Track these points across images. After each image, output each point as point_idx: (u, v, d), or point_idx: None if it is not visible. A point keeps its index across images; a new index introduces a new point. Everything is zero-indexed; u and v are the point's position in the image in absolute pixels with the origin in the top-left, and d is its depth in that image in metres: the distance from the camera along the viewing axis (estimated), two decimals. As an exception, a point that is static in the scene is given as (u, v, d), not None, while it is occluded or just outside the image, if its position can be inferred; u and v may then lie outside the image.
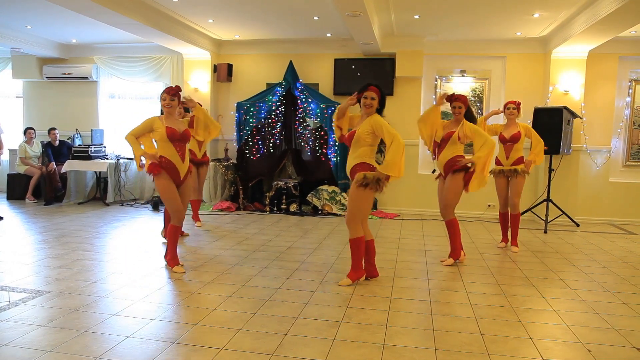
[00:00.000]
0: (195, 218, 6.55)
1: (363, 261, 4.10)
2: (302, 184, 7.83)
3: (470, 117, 4.77)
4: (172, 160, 4.29)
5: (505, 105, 5.53)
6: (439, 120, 4.82)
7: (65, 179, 8.24)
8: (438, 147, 4.82)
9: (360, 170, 3.90)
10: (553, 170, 6.95)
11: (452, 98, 4.76)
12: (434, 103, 4.98)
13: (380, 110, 3.98)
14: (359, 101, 3.99)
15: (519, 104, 5.45)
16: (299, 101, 7.85)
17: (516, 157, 5.40)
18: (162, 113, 4.46)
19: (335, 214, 7.52)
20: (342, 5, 5.28)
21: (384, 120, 3.90)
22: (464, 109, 4.70)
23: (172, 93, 4.32)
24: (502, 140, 5.44)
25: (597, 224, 7.40)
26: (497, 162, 5.51)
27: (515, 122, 5.44)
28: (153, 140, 4.38)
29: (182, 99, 4.56)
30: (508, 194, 5.48)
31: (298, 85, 7.82)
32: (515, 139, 5.37)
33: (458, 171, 4.68)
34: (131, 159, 8.49)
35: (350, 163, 4.01)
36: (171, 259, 4.36)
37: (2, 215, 6.77)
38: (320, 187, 7.68)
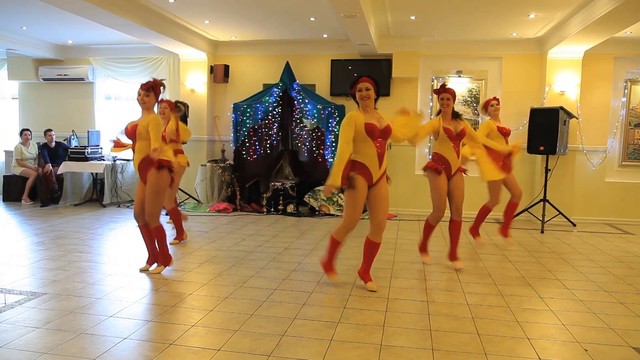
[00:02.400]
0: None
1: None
2: (299, 184, 7.83)
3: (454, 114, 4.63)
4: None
5: (488, 103, 5.71)
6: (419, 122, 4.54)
7: (61, 181, 8.20)
8: (452, 141, 4.54)
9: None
10: (549, 170, 6.96)
11: (441, 90, 4.58)
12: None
13: (375, 100, 3.86)
14: (353, 96, 3.85)
15: (498, 99, 5.74)
16: (295, 102, 7.84)
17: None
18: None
19: (333, 215, 7.52)
20: (339, 6, 5.28)
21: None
22: (452, 101, 4.54)
23: (145, 88, 4.26)
24: (503, 134, 5.59)
25: (593, 223, 7.43)
26: None
27: (499, 118, 5.68)
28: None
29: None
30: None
31: (295, 86, 7.82)
32: (509, 133, 5.66)
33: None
34: (127, 160, 8.49)
35: (385, 164, 3.88)
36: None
37: (-2, 217, 6.75)
38: (317, 187, 7.68)
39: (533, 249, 5.66)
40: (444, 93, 4.55)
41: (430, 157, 4.82)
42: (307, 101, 7.76)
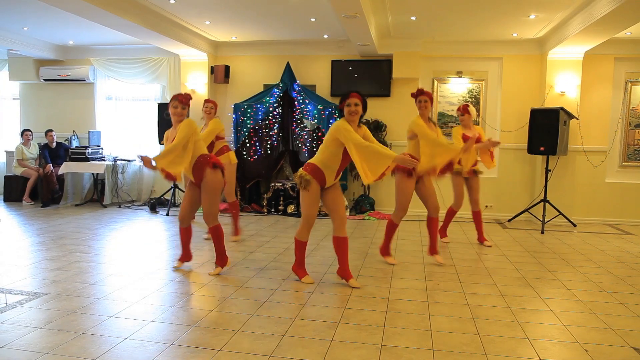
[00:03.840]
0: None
1: None
2: (299, 185, 7.82)
3: None
4: None
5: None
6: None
7: (62, 181, 8.21)
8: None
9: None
10: (550, 171, 6.97)
11: (418, 93, 4.74)
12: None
13: (361, 116, 3.98)
14: (341, 111, 3.94)
15: (465, 106, 5.62)
16: (296, 102, 7.85)
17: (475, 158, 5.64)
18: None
19: (333, 215, 7.51)
20: (339, 6, 5.29)
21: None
22: (430, 103, 4.72)
23: (186, 102, 4.25)
24: (465, 140, 5.40)
25: (594, 224, 7.43)
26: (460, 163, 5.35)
27: (471, 125, 5.60)
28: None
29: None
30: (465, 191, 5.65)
31: (295, 86, 7.83)
32: (478, 139, 5.47)
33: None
34: (128, 160, 8.50)
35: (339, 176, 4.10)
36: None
37: (-2, 218, 6.77)
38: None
39: (533, 249, 5.66)
40: (422, 95, 4.71)
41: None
42: (307, 102, 7.77)
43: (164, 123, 7.79)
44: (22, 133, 8.50)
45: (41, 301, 3.53)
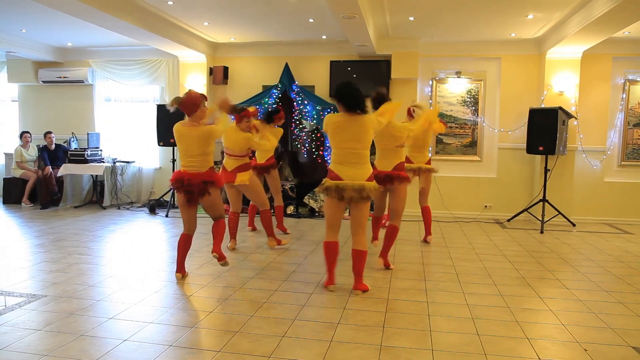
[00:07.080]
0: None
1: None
2: (298, 186, 7.82)
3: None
4: None
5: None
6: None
7: (61, 183, 8.21)
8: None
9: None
10: (549, 170, 6.97)
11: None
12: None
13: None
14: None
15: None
16: (295, 103, 7.85)
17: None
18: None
19: (332, 216, 7.51)
20: (337, 7, 5.29)
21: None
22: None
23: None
24: None
25: (593, 223, 7.43)
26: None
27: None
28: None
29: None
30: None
31: (294, 87, 7.83)
32: None
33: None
34: (127, 162, 8.49)
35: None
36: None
37: (-2, 220, 6.76)
38: (317, 188, 7.67)
39: (533, 249, 5.66)
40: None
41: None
42: (306, 102, 7.77)
43: (163, 124, 7.79)
44: (21, 135, 8.49)
45: (40, 303, 3.53)
